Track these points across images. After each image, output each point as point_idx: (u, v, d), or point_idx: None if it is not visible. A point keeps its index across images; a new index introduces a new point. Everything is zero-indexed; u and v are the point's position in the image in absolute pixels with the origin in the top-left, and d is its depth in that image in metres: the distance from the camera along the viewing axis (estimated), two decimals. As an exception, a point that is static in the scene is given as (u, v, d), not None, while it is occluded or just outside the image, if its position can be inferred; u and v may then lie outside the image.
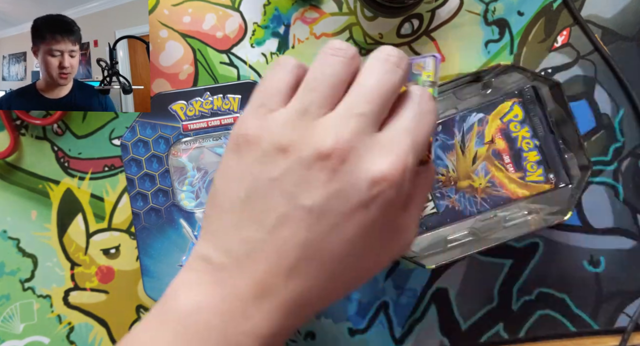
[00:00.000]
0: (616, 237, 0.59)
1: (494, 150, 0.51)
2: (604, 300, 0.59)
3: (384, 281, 0.59)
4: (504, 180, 0.51)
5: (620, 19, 0.60)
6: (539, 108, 0.51)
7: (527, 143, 0.50)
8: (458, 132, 0.52)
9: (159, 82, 0.59)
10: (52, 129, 0.59)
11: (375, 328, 0.59)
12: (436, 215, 0.52)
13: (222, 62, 0.60)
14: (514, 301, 0.59)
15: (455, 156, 0.51)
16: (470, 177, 0.51)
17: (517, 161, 0.51)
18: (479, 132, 0.51)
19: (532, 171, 0.50)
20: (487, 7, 0.60)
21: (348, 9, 0.60)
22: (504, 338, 0.59)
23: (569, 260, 0.59)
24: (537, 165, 0.51)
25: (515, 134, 0.51)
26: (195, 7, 0.60)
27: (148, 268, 0.48)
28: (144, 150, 0.49)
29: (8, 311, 0.58)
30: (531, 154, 0.50)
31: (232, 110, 0.50)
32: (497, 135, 0.51)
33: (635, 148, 0.60)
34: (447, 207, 0.52)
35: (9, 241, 0.58)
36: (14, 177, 0.59)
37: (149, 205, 0.48)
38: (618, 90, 0.60)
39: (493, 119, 0.51)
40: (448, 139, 0.52)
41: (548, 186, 0.51)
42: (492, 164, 0.51)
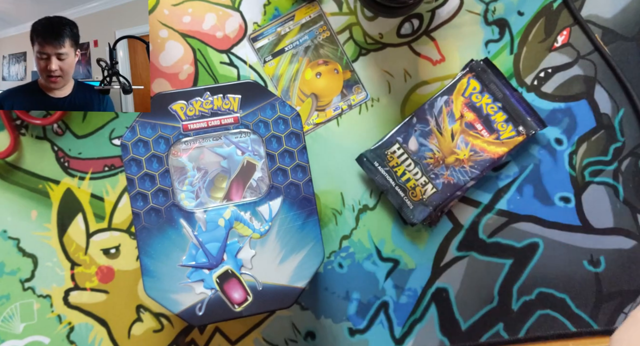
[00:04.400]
0: (616, 237, 0.59)
1: (466, 122, 0.58)
2: (604, 300, 0.59)
3: (384, 281, 0.59)
4: (483, 145, 0.57)
5: (620, 19, 0.60)
6: (491, 75, 0.58)
7: (491, 108, 0.57)
8: (431, 117, 0.58)
9: (159, 82, 0.59)
10: (52, 129, 0.59)
11: (375, 328, 0.59)
12: (437, 192, 0.57)
13: (222, 62, 0.60)
14: (514, 301, 0.59)
15: (435, 139, 0.57)
16: (454, 152, 0.57)
17: (488, 126, 0.57)
18: (448, 112, 0.58)
19: (504, 129, 0.57)
20: (487, 7, 0.60)
21: (348, 9, 0.60)
22: (504, 338, 0.59)
23: (569, 260, 0.59)
24: (505, 123, 0.57)
25: (479, 104, 0.57)
26: (195, 7, 0.60)
27: (148, 268, 0.48)
28: (144, 150, 0.49)
29: (8, 311, 0.58)
30: (498, 116, 0.57)
31: (232, 110, 0.50)
32: (464, 109, 0.58)
33: (635, 148, 0.60)
34: (444, 183, 0.57)
35: (9, 241, 0.58)
36: (14, 177, 0.59)
37: (149, 205, 0.48)
38: (618, 90, 0.60)
39: (456, 97, 0.58)
40: (425, 126, 0.58)
41: (521, 137, 0.57)
42: (468, 135, 0.57)
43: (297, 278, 0.49)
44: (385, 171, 0.57)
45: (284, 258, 0.49)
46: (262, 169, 0.50)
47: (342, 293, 0.59)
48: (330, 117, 0.60)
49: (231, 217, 0.49)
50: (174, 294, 0.48)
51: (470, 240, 0.59)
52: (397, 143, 0.58)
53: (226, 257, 0.48)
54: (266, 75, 0.60)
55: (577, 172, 0.60)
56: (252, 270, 0.48)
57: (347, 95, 0.60)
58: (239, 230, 0.49)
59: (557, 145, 0.60)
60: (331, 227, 0.59)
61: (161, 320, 0.59)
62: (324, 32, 0.60)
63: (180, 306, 0.48)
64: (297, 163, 0.50)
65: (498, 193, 0.59)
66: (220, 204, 0.49)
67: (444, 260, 0.59)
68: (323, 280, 0.59)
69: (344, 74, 0.60)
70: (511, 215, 0.59)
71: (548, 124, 0.60)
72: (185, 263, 0.48)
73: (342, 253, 0.59)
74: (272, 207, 0.49)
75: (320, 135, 0.60)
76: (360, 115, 0.60)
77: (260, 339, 0.59)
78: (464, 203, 0.60)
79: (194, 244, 0.49)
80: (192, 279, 0.48)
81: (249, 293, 0.48)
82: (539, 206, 0.59)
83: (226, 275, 0.48)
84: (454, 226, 0.59)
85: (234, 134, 0.50)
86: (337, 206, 0.59)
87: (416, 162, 0.57)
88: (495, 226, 0.59)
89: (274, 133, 0.50)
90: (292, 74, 0.60)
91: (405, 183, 0.57)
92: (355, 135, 0.60)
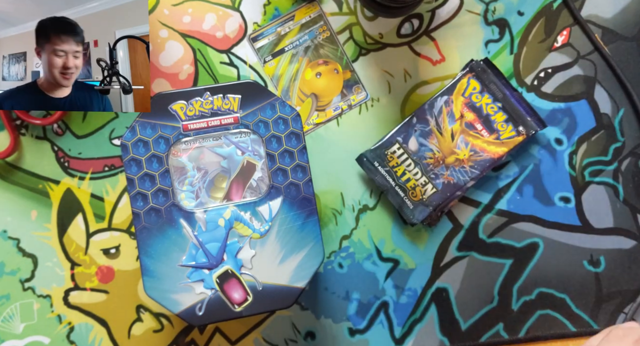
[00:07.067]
0: (616, 237, 0.59)
1: (466, 122, 0.57)
2: (604, 300, 0.59)
3: (384, 281, 0.59)
4: (483, 145, 0.57)
5: (620, 19, 0.60)
6: (491, 75, 0.57)
7: (491, 108, 0.57)
8: (431, 117, 0.57)
9: (159, 82, 0.59)
10: (52, 129, 0.59)
11: (375, 328, 0.59)
12: (437, 192, 0.57)
13: (222, 62, 0.60)
14: (514, 301, 0.59)
15: (435, 139, 0.57)
16: (454, 152, 0.57)
17: (488, 126, 0.57)
18: (448, 112, 0.57)
19: (504, 129, 0.57)
20: (487, 7, 0.60)
21: (348, 9, 0.60)
22: (504, 338, 0.59)
23: (569, 260, 0.59)
24: (505, 123, 0.57)
25: (479, 104, 0.57)
26: (195, 7, 0.60)
27: (148, 268, 0.48)
28: (144, 150, 0.49)
29: (8, 311, 0.58)
30: (498, 116, 0.57)
31: (232, 110, 0.50)
32: (464, 109, 0.57)
33: (635, 148, 0.60)
34: (444, 183, 0.57)
35: (9, 241, 0.58)
36: (14, 177, 0.59)
37: (149, 205, 0.48)
38: (618, 90, 0.60)
39: (456, 97, 0.58)
40: (425, 126, 0.57)
41: (521, 137, 0.57)
42: (468, 135, 0.57)
43: (297, 278, 0.49)
44: (385, 171, 0.57)
45: (284, 258, 0.49)
46: (262, 169, 0.50)
47: (342, 293, 0.59)
48: (330, 117, 0.60)
49: (231, 217, 0.49)
50: (174, 294, 0.48)
51: (470, 240, 0.59)
52: (397, 143, 0.58)
53: (226, 257, 0.48)
54: (266, 75, 0.60)
55: (577, 172, 0.60)
56: (252, 270, 0.48)
57: (347, 95, 0.60)
58: (239, 230, 0.49)
59: (557, 145, 0.60)
60: (331, 227, 0.59)
61: (161, 320, 0.59)
62: (324, 32, 0.60)
63: (180, 306, 0.48)
64: (297, 163, 0.50)
65: (498, 193, 0.59)
66: (220, 204, 0.49)
67: (444, 260, 0.59)
68: (323, 280, 0.59)
69: (344, 74, 0.60)
70: (511, 215, 0.59)
71: (548, 124, 0.60)
72: (185, 263, 0.48)
73: (342, 253, 0.59)
74: (272, 207, 0.49)
75: (320, 135, 0.60)
76: (360, 115, 0.60)
77: (260, 339, 0.59)
78: (464, 203, 0.60)
79: (194, 244, 0.49)
80: (192, 279, 0.48)
81: (249, 293, 0.48)
82: (539, 206, 0.59)
83: (226, 275, 0.48)
84: (454, 226, 0.59)
85: (234, 134, 0.50)
86: (337, 206, 0.59)
87: (416, 162, 0.57)
88: (495, 226, 0.59)
89: (274, 133, 0.50)
90: (292, 74, 0.60)
91: (405, 183, 0.57)
92: (355, 135, 0.60)
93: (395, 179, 0.57)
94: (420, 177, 0.57)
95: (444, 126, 0.57)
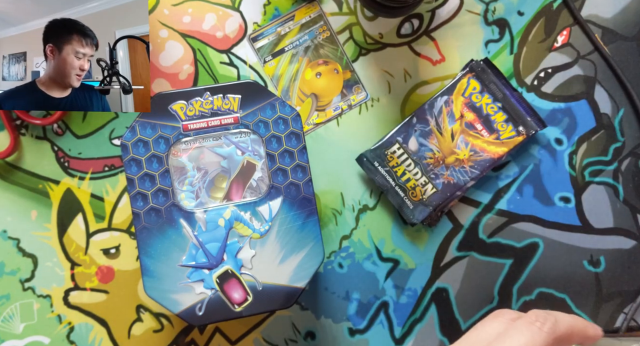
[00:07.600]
0: (616, 237, 0.59)
1: (466, 122, 0.57)
2: (604, 300, 0.59)
3: (384, 281, 0.59)
4: (483, 145, 0.57)
5: (620, 19, 0.60)
6: (491, 75, 0.57)
7: (491, 108, 0.57)
8: (431, 117, 0.57)
9: (159, 82, 0.59)
10: (52, 129, 0.59)
11: (375, 328, 0.59)
12: (437, 192, 0.57)
13: (222, 62, 0.60)
14: (514, 301, 0.59)
15: (435, 139, 0.57)
16: (454, 152, 0.57)
17: (488, 126, 0.57)
18: (448, 112, 0.57)
19: (504, 129, 0.57)
20: (487, 7, 0.60)
21: (348, 8, 0.60)
22: (504, 338, 0.59)
23: (569, 260, 0.59)
24: (505, 123, 0.57)
25: (479, 104, 0.57)
26: (195, 7, 0.60)
27: (148, 268, 0.48)
28: (144, 150, 0.49)
29: (8, 311, 0.58)
30: (498, 116, 0.57)
31: (232, 110, 0.50)
32: (464, 109, 0.57)
33: (635, 148, 0.60)
34: (444, 183, 0.57)
35: (9, 241, 0.58)
36: (14, 177, 0.59)
37: (149, 205, 0.48)
38: (618, 90, 0.60)
39: (456, 97, 0.58)
40: (425, 126, 0.57)
41: (521, 137, 0.57)
42: (468, 135, 0.57)
43: (297, 278, 0.49)
44: (385, 171, 0.57)
45: (284, 258, 0.49)
46: (262, 169, 0.50)
47: (342, 293, 0.59)
48: (330, 117, 0.60)
49: (231, 217, 0.49)
50: (174, 294, 0.48)
51: (470, 240, 0.59)
52: (397, 143, 0.58)
53: (226, 257, 0.48)
54: (266, 75, 0.60)
55: (577, 172, 0.60)
56: (252, 270, 0.48)
57: (347, 95, 0.60)
58: (239, 230, 0.49)
59: (557, 145, 0.60)
60: (331, 227, 0.59)
61: (161, 320, 0.59)
62: (324, 32, 0.60)
63: (180, 306, 0.48)
64: (297, 163, 0.50)
65: (498, 193, 0.59)
66: (220, 204, 0.49)
67: (444, 260, 0.59)
68: (323, 280, 0.59)
69: (344, 74, 0.60)
70: (511, 215, 0.59)
71: (548, 124, 0.60)
72: (185, 263, 0.48)
73: (342, 253, 0.59)
74: (272, 207, 0.49)
75: (320, 135, 0.60)
76: (360, 115, 0.60)
77: (260, 339, 0.59)
78: (464, 203, 0.60)
79: (194, 244, 0.49)
80: (192, 279, 0.48)
81: (249, 293, 0.48)
82: (539, 206, 0.59)
83: (226, 275, 0.48)
84: (454, 226, 0.59)
85: (234, 134, 0.50)
86: (337, 206, 0.59)
87: (416, 162, 0.57)
88: (495, 226, 0.59)
89: (274, 133, 0.50)
90: (292, 74, 0.60)
91: (405, 183, 0.57)
92: (355, 135, 0.60)
93: (395, 179, 0.57)
94: (420, 177, 0.57)
95: (444, 126, 0.57)
